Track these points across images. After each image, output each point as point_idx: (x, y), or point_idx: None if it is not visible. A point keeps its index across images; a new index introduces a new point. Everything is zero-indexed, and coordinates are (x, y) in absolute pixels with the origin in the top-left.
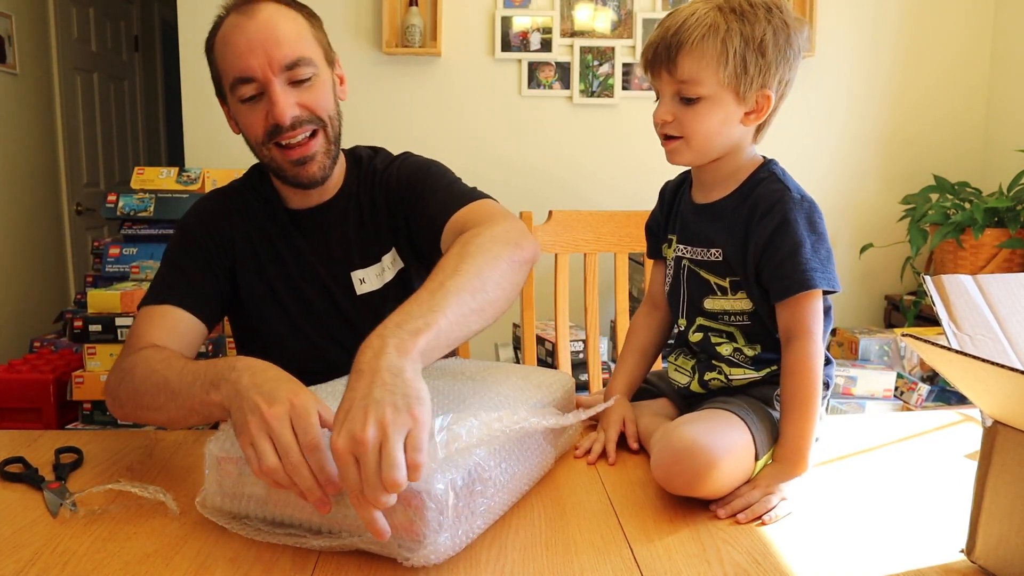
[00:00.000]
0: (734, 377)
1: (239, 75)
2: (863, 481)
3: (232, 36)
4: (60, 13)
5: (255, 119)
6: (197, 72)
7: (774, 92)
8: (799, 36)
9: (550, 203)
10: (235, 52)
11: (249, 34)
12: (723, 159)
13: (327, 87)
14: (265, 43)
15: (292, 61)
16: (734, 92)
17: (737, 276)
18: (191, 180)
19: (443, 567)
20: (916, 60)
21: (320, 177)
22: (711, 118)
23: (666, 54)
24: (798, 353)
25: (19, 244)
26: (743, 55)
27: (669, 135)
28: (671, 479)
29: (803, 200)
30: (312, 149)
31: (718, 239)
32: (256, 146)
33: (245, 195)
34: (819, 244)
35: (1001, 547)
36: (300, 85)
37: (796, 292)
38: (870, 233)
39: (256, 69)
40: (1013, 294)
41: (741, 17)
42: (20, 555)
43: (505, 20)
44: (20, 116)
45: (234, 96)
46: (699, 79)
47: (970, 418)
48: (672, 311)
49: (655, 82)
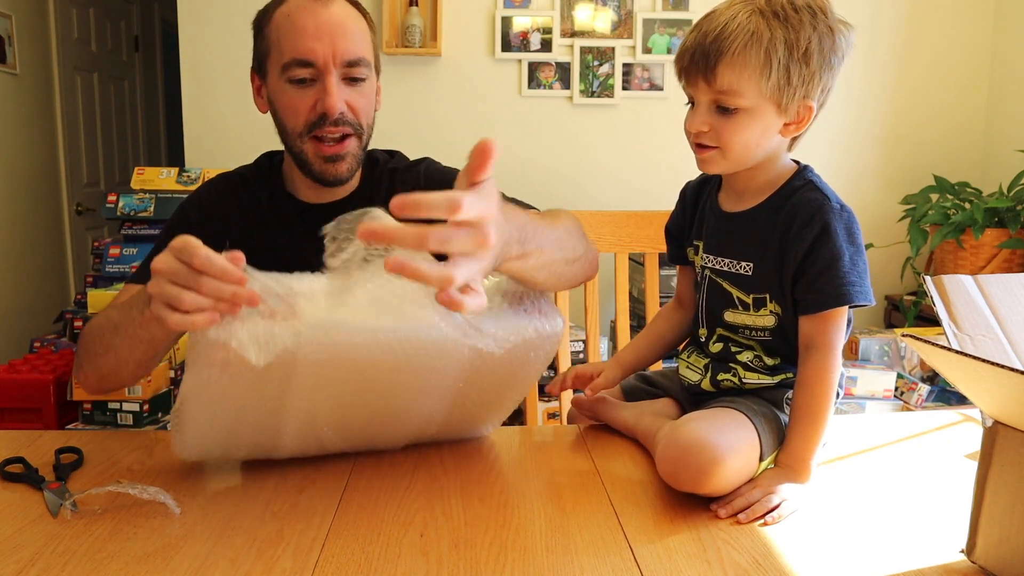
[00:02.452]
0: (748, 380)
1: (299, 56)
2: (863, 481)
3: (300, 17)
4: (60, 13)
5: (301, 104)
6: (197, 72)
7: (816, 102)
8: (844, 41)
9: (550, 203)
10: (301, 32)
11: (320, 20)
12: (758, 168)
13: (372, 94)
14: (333, 33)
15: (354, 59)
16: (776, 104)
17: (762, 293)
18: (191, 180)
19: (443, 566)
20: (916, 60)
21: (346, 177)
22: (750, 130)
23: (704, 62)
24: (817, 365)
25: (19, 244)
26: (787, 65)
27: (703, 144)
28: (676, 474)
29: (842, 210)
30: (345, 149)
31: (749, 252)
32: (291, 131)
33: (250, 182)
34: (857, 256)
35: (1001, 547)
36: (353, 84)
37: (831, 307)
38: (870, 233)
39: (319, 55)
40: (1013, 294)
41: (785, 23)
42: (20, 555)
43: (505, 20)
44: (20, 116)
45: (283, 75)
46: (740, 90)
47: (970, 418)
48: (693, 320)
49: (690, 89)
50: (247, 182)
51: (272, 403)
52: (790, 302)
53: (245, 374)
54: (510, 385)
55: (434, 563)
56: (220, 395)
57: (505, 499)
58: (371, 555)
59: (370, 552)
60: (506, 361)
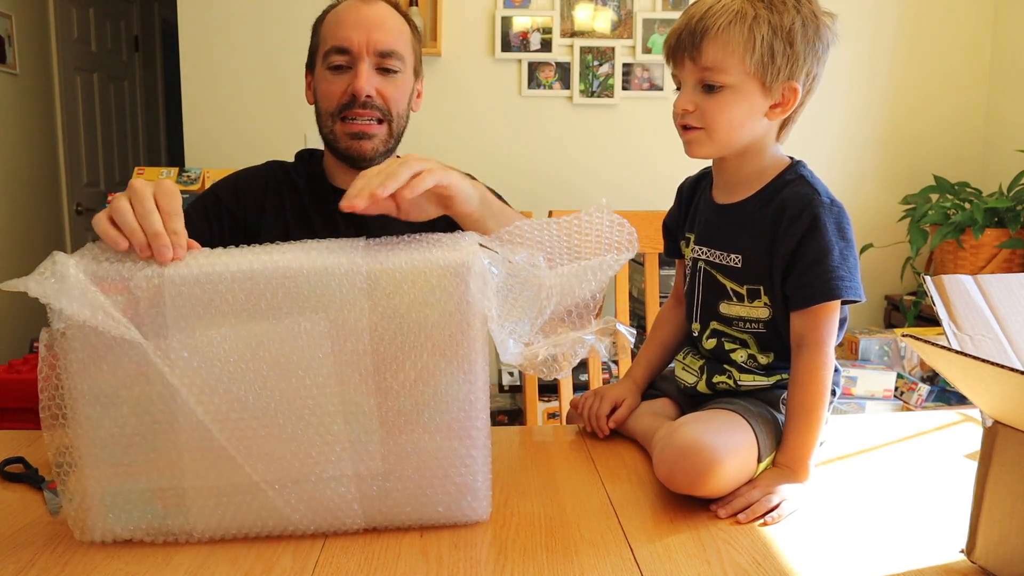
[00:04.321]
0: (743, 383)
1: (337, 44)
2: (863, 481)
3: (345, 12)
4: (60, 13)
5: (335, 88)
6: (197, 72)
7: (801, 85)
8: (828, 30)
9: (550, 203)
10: (341, 24)
11: (360, 14)
12: (746, 156)
13: (407, 89)
14: (369, 25)
15: (387, 50)
16: (760, 82)
17: (755, 285)
18: (191, 180)
19: (443, 566)
20: (916, 60)
21: (371, 157)
22: (735, 108)
23: (690, 40)
24: (808, 362)
25: (19, 244)
26: (771, 43)
27: (689, 125)
28: (674, 477)
29: (832, 205)
30: (372, 131)
31: (739, 244)
32: (325, 115)
33: (289, 171)
34: (847, 251)
35: (1001, 547)
36: (385, 75)
37: (819, 302)
38: (870, 233)
39: (354, 42)
40: (1013, 294)
41: (769, 6)
42: (20, 555)
43: (505, 20)
44: (20, 116)
45: (324, 63)
46: (724, 66)
47: (970, 418)
48: (686, 315)
49: (677, 71)
50: (286, 171)
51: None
52: (780, 298)
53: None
54: (427, 349)
55: (434, 563)
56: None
57: (505, 499)
58: (371, 555)
59: (370, 552)
60: (410, 307)
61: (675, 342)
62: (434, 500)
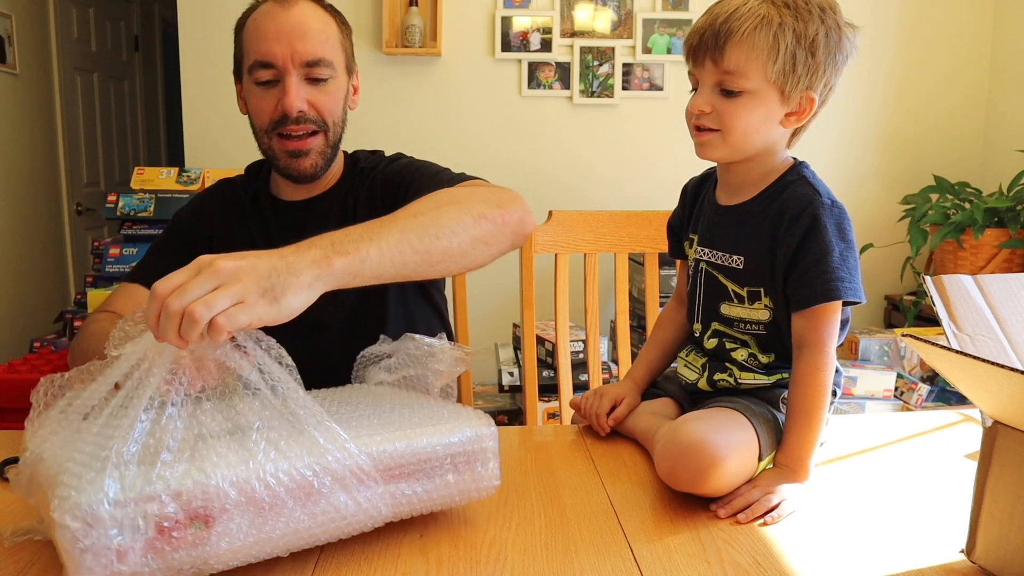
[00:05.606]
0: (743, 381)
1: (260, 59)
2: (863, 481)
3: (263, 21)
4: (60, 13)
5: (265, 104)
6: (197, 72)
7: (818, 95)
8: (849, 42)
9: (550, 203)
10: (262, 36)
11: (279, 23)
12: (755, 160)
13: (340, 93)
14: (292, 35)
15: (313, 59)
16: (779, 90)
17: (756, 287)
18: (191, 180)
19: (443, 566)
20: (916, 60)
21: (311, 173)
22: (752, 114)
23: (713, 41)
24: (809, 363)
25: (19, 244)
26: (793, 52)
27: (704, 127)
28: (675, 474)
29: (833, 206)
30: (309, 145)
31: (741, 245)
32: (259, 131)
33: (238, 186)
34: (848, 252)
35: (1001, 547)
36: (315, 84)
37: (819, 302)
38: (870, 233)
39: (278, 57)
40: (1013, 294)
41: (795, 13)
42: (20, 555)
43: (505, 20)
44: (20, 116)
45: (250, 77)
46: (745, 71)
47: (970, 418)
48: (688, 315)
49: (696, 70)
50: (235, 187)
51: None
52: (782, 299)
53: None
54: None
55: (434, 563)
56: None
57: (505, 499)
58: (371, 555)
59: (370, 552)
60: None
61: (675, 343)
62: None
